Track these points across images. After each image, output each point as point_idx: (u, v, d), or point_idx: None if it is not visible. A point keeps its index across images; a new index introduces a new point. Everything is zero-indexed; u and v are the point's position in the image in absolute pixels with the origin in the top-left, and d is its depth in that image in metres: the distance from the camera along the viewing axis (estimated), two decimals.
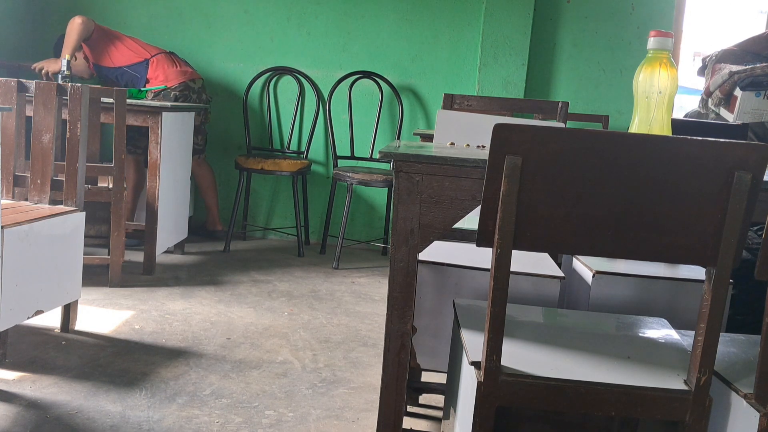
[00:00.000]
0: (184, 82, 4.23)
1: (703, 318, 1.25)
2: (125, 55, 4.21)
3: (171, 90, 4.18)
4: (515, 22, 4.55)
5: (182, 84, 4.21)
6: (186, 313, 3.11)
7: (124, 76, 4.25)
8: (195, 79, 4.31)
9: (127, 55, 4.21)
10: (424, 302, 1.96)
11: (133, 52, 4.21)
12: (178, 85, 4.20)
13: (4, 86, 2.73)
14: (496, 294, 1.25)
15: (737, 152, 1.19)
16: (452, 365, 1.73)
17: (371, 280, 4.00)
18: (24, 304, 2.33)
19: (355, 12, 4.75)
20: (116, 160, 3.28)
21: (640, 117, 1.65)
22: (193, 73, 4.34)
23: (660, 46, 1.61)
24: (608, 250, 1.30)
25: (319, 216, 4.86)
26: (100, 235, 3.98)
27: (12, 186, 2.75)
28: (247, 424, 2.13)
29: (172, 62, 4.27)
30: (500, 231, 1.23)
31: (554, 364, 1.36)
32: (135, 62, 4.22)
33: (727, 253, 1.22)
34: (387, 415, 1.60)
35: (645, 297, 1.97)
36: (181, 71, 4.26)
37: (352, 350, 2.84)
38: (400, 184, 1.48)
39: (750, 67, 2.19)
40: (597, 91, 4.74)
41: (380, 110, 4.71)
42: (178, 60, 4.35)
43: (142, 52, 4.23)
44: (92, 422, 2.07)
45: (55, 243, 2.48)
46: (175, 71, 4.24)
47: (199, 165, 4.42)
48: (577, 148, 1.22)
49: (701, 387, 1.27)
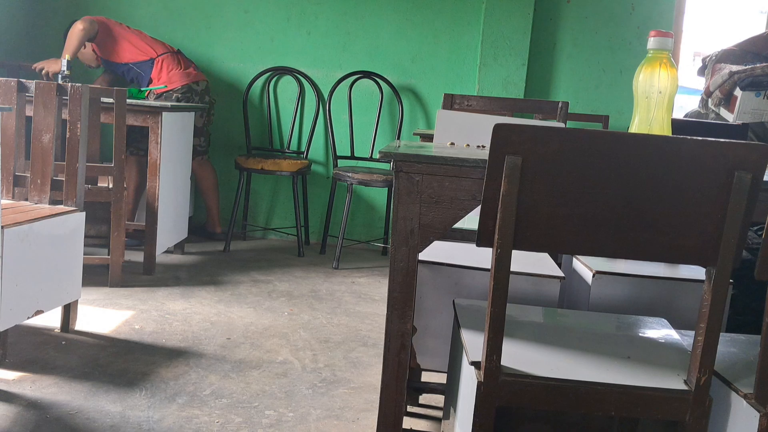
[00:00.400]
0: (187, 84, 4.22)
1: (703, 318, 1.25)
2: (131, 53, 4.21)
3: (173, 92, 4.18)
4: (515, 22, 4.55)
5: (185, 86, 4.21)
6: (186, 313, 3.11)
7: (131, 72, 4.26)
8: (198, 81, 4.30)
9: (133, 53, 4.21)
10: (424, 302, 1.96)
11: (139, 49, 4.21)
12: (180, 87, 4.19)
13: (4, 86, 2.73)
14: (496, 294, 1.25)
15: (737, 152, 1.19)
16: (452, 365, 1.73)
17: (371, 280, 4.00)
18: (24, 304, 2.33)
19: (355, 12, 4.75)
20: (116, 160, 3.28)
21: (640, 117, 1.65)
22: (198, 75, 4.33)
23: (660, 46, 1.61)
24: (608, 250, 1.30)
25: (319, 216, 4.86)
26: (100, 235, 3.98)
27: (12, 186, 2.75)
28: (247, 424, 2.13)
29: (177, 63, 4.26)
30: (500, 231, 1.23)
31: (554, 364, 1.36)
32: (140, 60, 4.22)
33: (727, 253, 1.22)
34: (387, 415, 1.60)
35: (645, 297, 1.97)
36: (184, 73, 4.25)
37: (352, 350, 2.84)
38: (400, 184, 1.48)
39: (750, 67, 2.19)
40: (597, 91, 4.74)
41: (380, 110, 4.71)
42: (185, 61, 4.35)
43: (149, 51, 4.22)
44: (92, 422, 2.07)
45: (55, 243, 2.48)
46: (179, 73, 4.23)
47: (202, 166, 4.42)
48: (577, 148, 1.22)
49: (701, 387, 1.28)
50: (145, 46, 4.23)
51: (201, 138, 4.35)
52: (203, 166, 4.43)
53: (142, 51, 4.22)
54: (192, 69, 4.33)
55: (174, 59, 4.27)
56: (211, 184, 4.49)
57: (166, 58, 4.24)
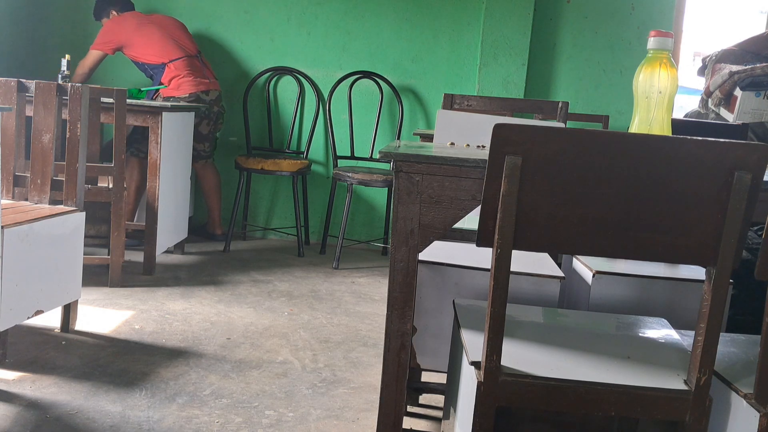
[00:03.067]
0: (195, 93, 4.22)
1: (703, 318, 1.25)
2: (145, 54, 4.21)
3: (180, 98, 4.19)
4: (515, 22, 4.55)
5: (192, 95, 4.21)
6: (186, 313, 3.11)
7: (146, 71, 4.29)
8: (209, 90, 4.30)
9: (147, 54, 4.21)
10: (424, 302, 1.96)
11: (152, 52, 4.21)
12: (187, 96, 4.21)
13: (4, 86, 2.73)
14: (496, 294, 1.25)
15: (737, 152, 1.19)
16: (452, 365, 1.73)
17: (371, 280, 4.00)
18: (24, 304, 2.33)
19: (355, 12, 4.75)
20: (116, 160, 3.28)
21: (640, 117, 1.65)
22: (210, 83, 4.32)
23: (660, 46, 1.61)
24: (608, 250, 1.30)
25: (319, 216, 4.86)
26: (100, 235, 3.98)
27: (12, 186, 2.75)
28: (247, 424, 2.13)
29: (190, 70, 4.24)
30: (500, 231, 1.23)
31: (554, 364, 1.36)
32: (153, 63, 4.23)
33: (727, 253, 1.22)
34: (387, 415, 1.60)
35: (645, 297, 1.97)
36: (195, 81, 4.24)
37: (352, 350, 2.84)
38: (400, 184, 1.48)
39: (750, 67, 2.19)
40: (597, 91, 4.73)
41: (380, 110, 4.71)
42: (200, 67, 4.33)
43: (162, 55, 4.21)
44: (92, 422, 2.07)
45: (55, 243, 2.48)
46: (189, 81, 4.22)
47: (205, 169, 4.43)
48: (577, 148, 1.22)
49: (701, 387, 1.28)
50: (159, 49, 4.21)
51: (206, 143, 4.36)
52: (207, 169, 4.44)
53: (155, 54, 4.22)
54: (205, 77, 4.31)
55: (188, 65, 4.25)
56: (213, 185, 4.49)
57: (179, 64, 4.22)
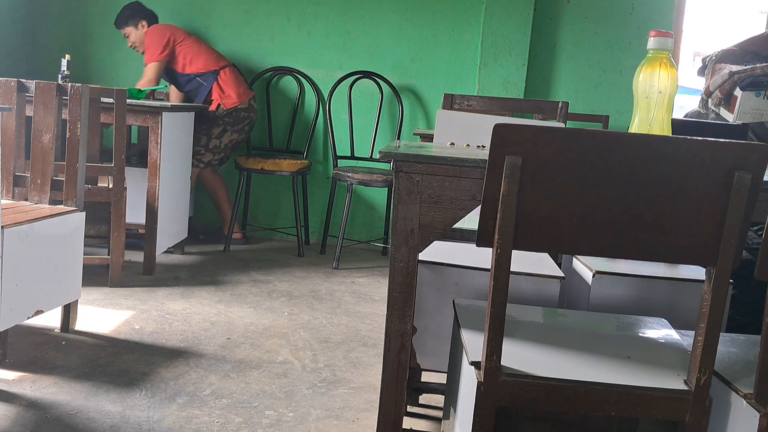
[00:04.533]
0: (247, 101, 4.34)
1: (703, 318, 1.25)
2: (195, 62, 4.25)
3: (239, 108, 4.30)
4: (515, 22, 4.55)
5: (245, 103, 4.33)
6: (186, 313, 3.11)
7: (191, 83, 4.30)
8: (254, 96, 4.45)
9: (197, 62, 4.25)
10: (424, 302, 1.96)
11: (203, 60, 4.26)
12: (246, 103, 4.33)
13: (4, 86, 2.73)
14: (496, 294, 1.25)
15: (737, 152, 1.19)
16: (452, 365, 1.73)
17: (371, 280, 4.00)
18: (24, 304, 2.33)
19: (355, 12, 4.75)
20: (116, 160, 3.27)
21: (640, 117, 1.65)
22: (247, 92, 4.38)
23: (660, 46, 1.61)
24: (608, 250, 1.30)
25: (319, 216, 4.86)
26: (100, 235, 3.98)
27: (12, 186, 2.75)
28: (247, 424, 2.13)
29: (237, 78, 4.34)
30: (500, 231, 1.23)
31: (554, 364, 1.36)
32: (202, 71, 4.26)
33: (727, 253, 1.22)
34: (387, 415, 1.60)
35: (645, 297, 1.97)
36: (245, 88, 4.37)
37: (352, 350, 2.84)
38: (400, 184, 1.48)
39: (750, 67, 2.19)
40: (597, 91, 4.73)
41: (380, 110, 4.71)
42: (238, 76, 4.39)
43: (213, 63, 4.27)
44: (92, 422, 2.07)
45: (55, 243, 2.48)
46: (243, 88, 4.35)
47: (214, 175, 4.46)
48: (577, 148, 1.22)
49: (701, 387, 1.27)
50: (207, 57, 4.28)
51: (221, 155, 4.38)
52: (214, 175, 4.46)
53: (205, 62, 4.26)
54: (240, 88, 4.35)
55: (234, 73, 4.35)
56: (223, 193, 4.51)
57: (228, 72, 4.30)
